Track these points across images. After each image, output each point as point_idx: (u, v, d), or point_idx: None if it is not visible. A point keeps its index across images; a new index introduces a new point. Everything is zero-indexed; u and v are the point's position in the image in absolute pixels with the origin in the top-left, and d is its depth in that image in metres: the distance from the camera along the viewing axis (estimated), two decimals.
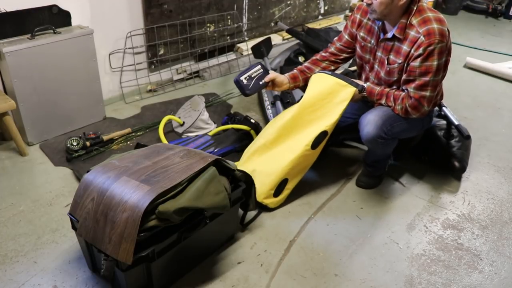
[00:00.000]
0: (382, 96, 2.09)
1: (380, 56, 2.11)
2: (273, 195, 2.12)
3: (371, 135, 2.04)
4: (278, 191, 2.13)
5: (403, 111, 2.02)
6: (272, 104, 2.74)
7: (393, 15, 1.97)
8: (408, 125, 2.12)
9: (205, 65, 3.59)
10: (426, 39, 1.90)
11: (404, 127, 2.12)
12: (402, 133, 2.15)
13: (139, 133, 2.74)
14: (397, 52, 2.02)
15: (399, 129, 2.09)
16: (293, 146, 2.13)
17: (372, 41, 2.13)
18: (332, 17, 4.59)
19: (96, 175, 1.62)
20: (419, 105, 1.99)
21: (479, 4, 5.70)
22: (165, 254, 1.59)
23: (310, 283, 1.78)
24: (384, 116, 2.05)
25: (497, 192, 2.37)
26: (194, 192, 1.58)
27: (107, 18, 2.88)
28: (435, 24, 1.91)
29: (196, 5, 3.26)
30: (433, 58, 1.91)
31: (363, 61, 2.25)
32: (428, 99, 1.98)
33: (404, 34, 1.97)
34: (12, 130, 2.43)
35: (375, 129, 2.02)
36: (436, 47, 1.90)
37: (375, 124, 2.03)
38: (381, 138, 2.05)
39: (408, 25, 1.95)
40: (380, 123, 2.03)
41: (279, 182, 2.11)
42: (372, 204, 2.24)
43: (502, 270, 1.89)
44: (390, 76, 2.09)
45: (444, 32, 1.92)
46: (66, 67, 2.58)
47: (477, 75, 3.86)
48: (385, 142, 2.09)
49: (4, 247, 1.90)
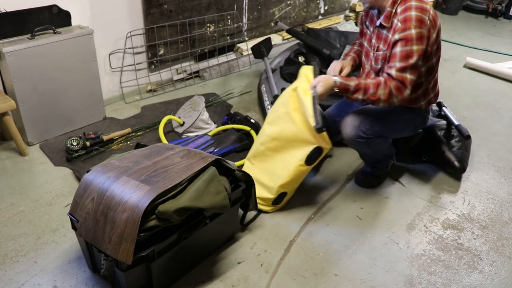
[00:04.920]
0: (359, 90, 1.95)
1: (374, 43, 2.13)
2: (272, 204, 2.15)
3: (349, 136, 2.09)
4: (277, 202, 2.15)
5: (387, 95, 1.92)
6: (272, 104, 2.74)
7: (382, 4, 2.02)
8: (393, 124, 2.12)
9: (205, 65, 3.59)
10: (402, 25, 1.91)
11: (388, 126, 2.11)
12: (388, 132, 2.14)
13: (139, 133, 2.74)
14: (385, 41, 2.05)
15: (380, 127, 2.09)
16: (288, 160, 2.08)
17: (370, 29, 2.17)
18: (332, 17, 4.59)
19: (96, 175, 1.62)
20: (402, 86, 1.92)
21: (479, 4, 5.70)
22: (165, 254, 1.59)
23: (310, 283, 1.78)
24: (362, 116, 2.09)
25: (497, 192, 2.37)
26: (194, 192, 1.58)
27: (107, 18, 2.88)
28: (414, 11, 1.91)
29: (196, 5, 3.26)
30: (411, 43, 1.89)
31: (363, 50, 2.27)
32: (410, 81, 1.93)
33: (390, 23, 2.00)
34: (12, 130, 2.43)
35: (353, 130, 2.07)
36: (413, 33, 1.88)
37: (352, 125, 2.07)
38: (361, 138, 2.07)
39: (394, 13, 1.98)
40: (357, 123, 2.07)
41: (277, 196, 2.12)
42: (372, 204, 2.24)
43: (502, 270, 1.89)
44: (376, 64, 2.10)
45: (422, 19, 1.90)
46: (66, 67, 2.58)
47: (477, 75, 3.86)
48: (367, 142, 2.09)
49: (4, 247, 1.90)
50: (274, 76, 3.03)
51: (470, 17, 5.67)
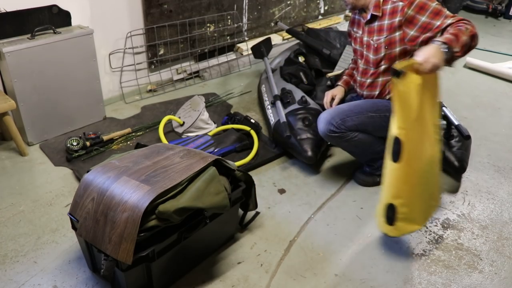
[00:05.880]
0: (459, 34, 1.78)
1: (366, 40, 2.19)
2: (386, 222, 1.83)
3: (322, 130, 2.15)
4: (389, 219, 1.81)
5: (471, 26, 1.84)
6: (272, 104, 2.74)
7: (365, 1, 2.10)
8: (371, 120, 2.13)
9: (205, 65, 3.59)
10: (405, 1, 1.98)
11: (365, 122, 2.12)
12: (365, 128, 2.14)
13: (139, 133, 2.74)
14: (379, 31, 2.10)
15: (354, 123, 2.11)
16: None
17: (359, 32, 2.25)
18: (332, 17, 4.59)
19: (96, 175, 1.62)
20: (463, 20, 1.89)
21: (479, 4, 5.70)
22: (165, 254, 1.59)
23: (310, 283, 1.78)
24: (335, 112, 2.15)
25: (497, 192, 2.37)
26: (194, 192, 1.58)
27: (107, 18, 2.88)
28: None
29: (196, 5, 3.26)
30: (428, 5, 1.95)
31: (356, 54, 2.33)
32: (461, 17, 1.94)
33: (381, 11, 2.06)
34: (12, 130, 2.43)
35: (325, 125, 2.13)
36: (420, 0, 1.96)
37: (325, 120, 2.14)
38: (333, 132, 2.11)
39: (382, 2, 2.05)
40: (328, 118, 2.13)
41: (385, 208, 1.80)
42: (372, 204, 2.24)
43: (502, 270, 1.89)
44: (378, 53, 2.13)
45: None
46: (66, 67, 2.58)
47: (477, 75, 3.86)
48: (341, 137, 2.12)
49: (4, 247, 1.90)
50: (274, 76, 3.03)
51: (470, 17, 5.65)
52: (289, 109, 2.59)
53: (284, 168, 2.49)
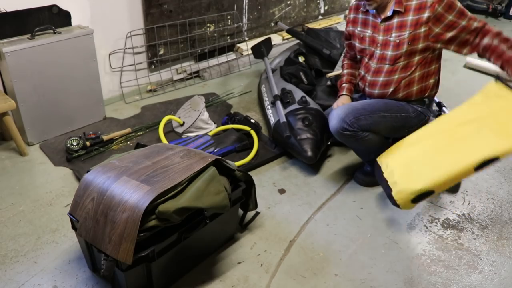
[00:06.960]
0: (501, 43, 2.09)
1: (381, 39, 2.17)
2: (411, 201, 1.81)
3: (334, 127, 2.14)
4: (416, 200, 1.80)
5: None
6: (272, 104, 2.74)
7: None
8: (383, 120, 2.13)
9: (205, 65, 3.59)
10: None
11: (377, 122, 2.12)
12: (376, 128, 2.14)
13: (139, 133, 2.74)
14: (400, 27, 2.09)
15: (366, 122, 2.10)
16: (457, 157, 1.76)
17: (369, 31, 2.22)
18: (332, 17, 4.59)
19: (96, 175, 1.62)
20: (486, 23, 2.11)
21: (479, 4, 5.70)
22: (165, 254, 1.59)
23: (310, 283, 1.78)
24: (348, 109, 2.13)
25: (497, 192, 2.37)
26: (194, 192, 1.58)
27: (107, 18, 2.89)
28: None
29: (196, 5, 3.26)
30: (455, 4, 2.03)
31: (363, 54, 2.31)
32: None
33: (404, 7, 2.07)
34: (12, 130, 2.43)
35: (338, 122, 2.11)
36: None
37: (338, 116, 2.12)
38: (346, 130, 2.10)
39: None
40: (342, 115, 2.11)
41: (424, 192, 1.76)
42: (372, 204, 2.24)
43: (502, 270, 1.89)
44: (399, 49, 2.11)
45: None
46: (66, 67, 2.58)
47: (477, 75, 3.86)
48: (353, 135, 2.11)
49: (4, 247, 1.90)
50: (274, 76, 3.03)
51: None
52: (289, 109, 2.58)
53: (284, 168, 2.49)
